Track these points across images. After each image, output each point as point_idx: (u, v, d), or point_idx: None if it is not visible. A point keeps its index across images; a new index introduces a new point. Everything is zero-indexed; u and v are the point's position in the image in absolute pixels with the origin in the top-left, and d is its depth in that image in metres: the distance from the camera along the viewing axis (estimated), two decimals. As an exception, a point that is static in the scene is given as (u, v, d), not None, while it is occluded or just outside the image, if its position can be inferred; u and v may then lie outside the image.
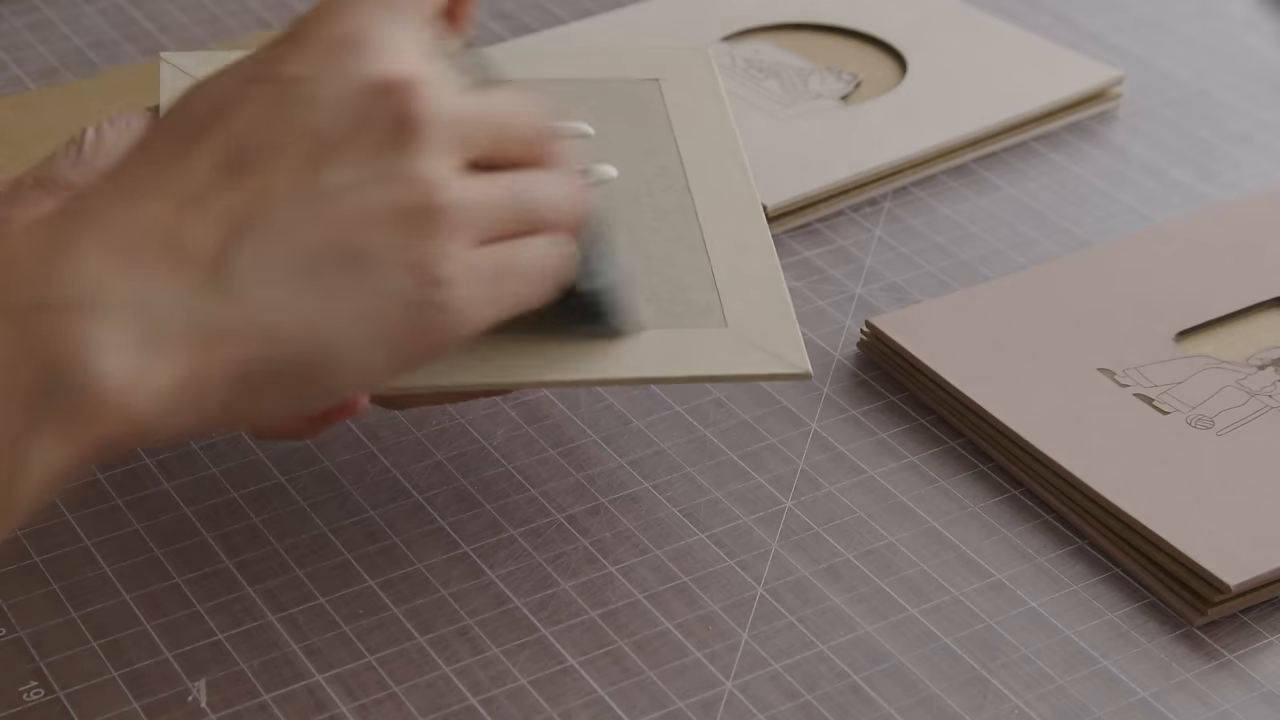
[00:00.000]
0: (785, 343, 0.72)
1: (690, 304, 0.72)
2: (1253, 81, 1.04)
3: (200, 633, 0.70)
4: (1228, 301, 0.84)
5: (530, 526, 0.75)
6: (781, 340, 0.72)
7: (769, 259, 0.75)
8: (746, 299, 0.73)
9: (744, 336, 0.72)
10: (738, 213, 0.77)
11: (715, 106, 0.81)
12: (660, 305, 0.72)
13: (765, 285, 0.74)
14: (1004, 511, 0.76)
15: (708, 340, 0.71)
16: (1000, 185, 0.95)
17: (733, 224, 0.76)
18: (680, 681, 0.69)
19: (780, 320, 0.73)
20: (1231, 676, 0.70)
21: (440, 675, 0.69)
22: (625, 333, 0.70)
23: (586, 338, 0.70)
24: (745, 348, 0.71)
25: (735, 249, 0.75)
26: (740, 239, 0.75)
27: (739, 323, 0.72)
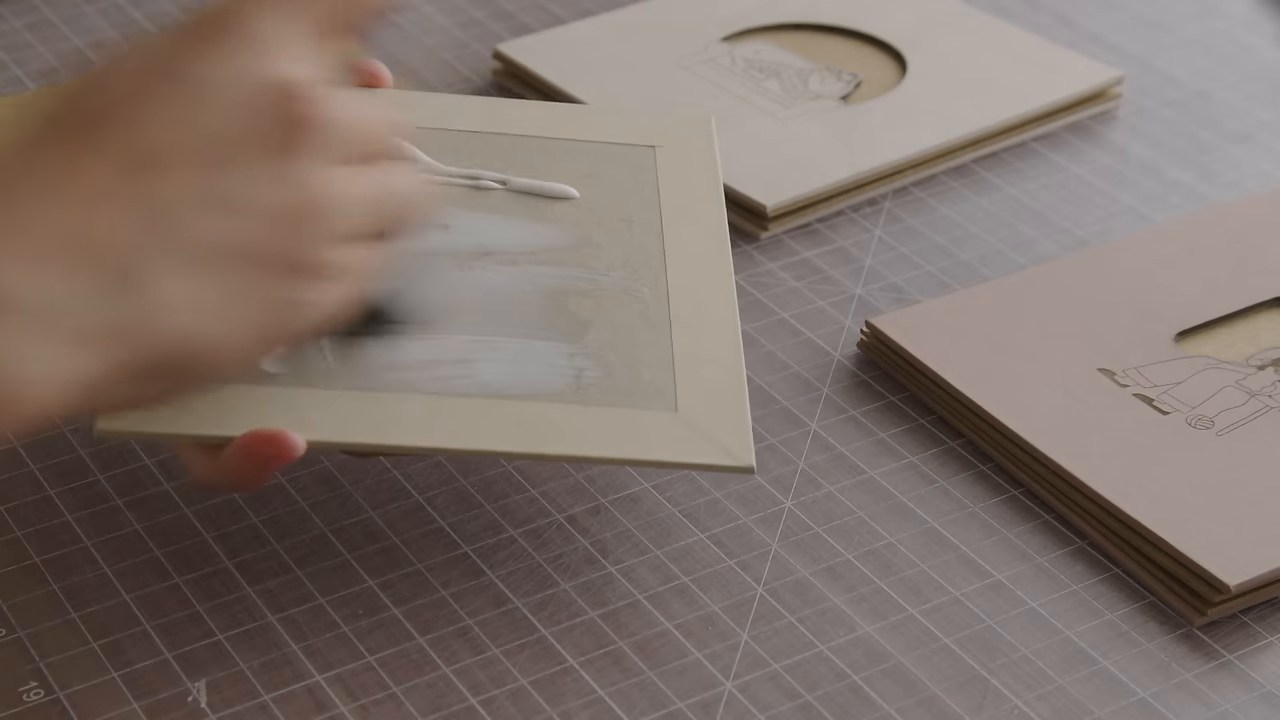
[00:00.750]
0: (733, 433, 0.70)
1: (643, 384, 0.71)
2: (1253, 81, 1.04)
3: (200, 633, 0.70)
4: (1228, 301, 0.84)
5: (530, 526, 0.75)
6: (730, 430, 0.70)
7: (733, 345, 0.73)
8: (702, 384, 0.72)
9: (691, 424, 0.70)
10: (710, 293, 0.75)
11: (708, 180, 0.79)
12: (613, 382, 0.71)
13: (724, 371, 0.72)
14: (1004, 511, 0.76)
15: (653, 424, 0.70)
16: (1000, 185, 0.95)
17: (703, 304, 0.74)
18: (680, 681, 0.69)
19: (732, 409, 0.71)
20: (1231, 676, 0.70)
21: (440, 675, 0.69)
22: (402, 329, 0.69)
23: (372, 335, 0.69)
24: (691, 436, 0.70)
25: (700, 331, 0.73)
26: (708, 321, 0.74)
27: (689, 409, 0.71)
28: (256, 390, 0.68)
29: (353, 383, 0.69)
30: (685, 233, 0.77)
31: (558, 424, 0.69)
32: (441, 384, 0.70)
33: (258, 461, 0.67)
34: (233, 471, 0.67)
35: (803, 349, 0.84)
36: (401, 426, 0.69)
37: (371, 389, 0.69)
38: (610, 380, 0.71)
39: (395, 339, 0.69)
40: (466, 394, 0.70)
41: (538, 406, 0.70)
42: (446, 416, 0.69)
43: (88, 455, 0.77)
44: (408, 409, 0.69)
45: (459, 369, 0.70)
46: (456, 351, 0.71)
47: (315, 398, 0.69)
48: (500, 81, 1.01)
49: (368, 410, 0.69)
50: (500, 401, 0.70)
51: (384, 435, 0.68)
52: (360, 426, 0.68)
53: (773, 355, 0.84)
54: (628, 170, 0.79)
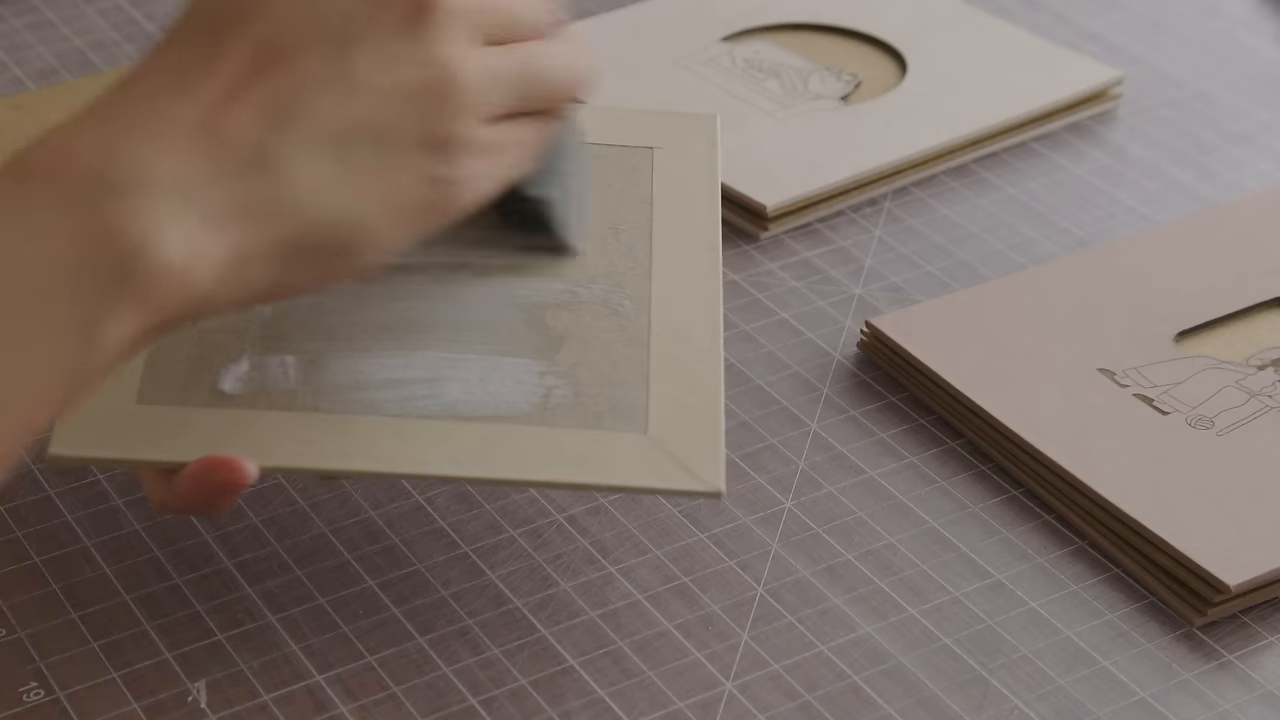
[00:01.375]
0: (703, 457, 0.68)
1: (614, 403, 0.69)
2: (1253, 81, 1.04)
3: (200, 633, 0.70)
4: (1228, 301, 0.84)
5: (530, 526, 0.75)
6: (701, 454, 0.68)
7: (713, 360, 0.71)
8: (676, 403, 0.70)
9: (660, 447, 0.68)
10: (696, 307, 0.73)
11: (706, 184, 0.77)
12: (582, 401, 0.69)
13: (701, 391, 0.70)
14: (1004, 511, 0.76)
15: (620, 447, 0.68)
16: (1000, 185, 0.95)
17: (686, 318, 0.72)
18: (680, 681, 0.69)
19: (705, 431, 0.69)
20: (1231, 676, 0.70)
21: (440, 675, 0.69)
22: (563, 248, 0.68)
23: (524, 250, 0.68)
24: (659, 459, 0.68)
25: (680, 344, 0.71)
26: (688, 332, 0.72)
27: (660, 429, 0.69)
28: (214, 413, 0.68)
29: (314, 404, 0.68)
30: (676, 241, 0.75)
31: (521, 447, 0.68)
32: (406, 405, 0.69)
33: (211, 487, 0.66)
34: (187, 497, 0.66)
35: (803, 349, 0.84)
36: (361, 452, 0.67)
37: (333, 411, 0.68)
38: (579, 400, 0.69)
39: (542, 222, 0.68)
40: (430, 416, 0.69)
41: (502, 429, 0.68)
42: (408, 440, 0.68)
43: (88, 455, 0.77)
44: (369, 432, 0.68)
45: (426, 388, 0.69)
46: (425, 370, 0.70)
47: (274, 421, 0.68)
48: (500, 81, 1.01)
49: (327, 434, 0.68)
50: (464, 424, 0.68)
51: (342, 461, 0.67)
52: (318, 452, 0.67)
53: (773, 355, 0.84)
54: (622, 174, 0.77)
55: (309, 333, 0.70)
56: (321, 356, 0.70)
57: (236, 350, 0.70)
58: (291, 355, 0.70)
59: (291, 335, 0.70)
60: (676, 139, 0.79)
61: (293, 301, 0.71)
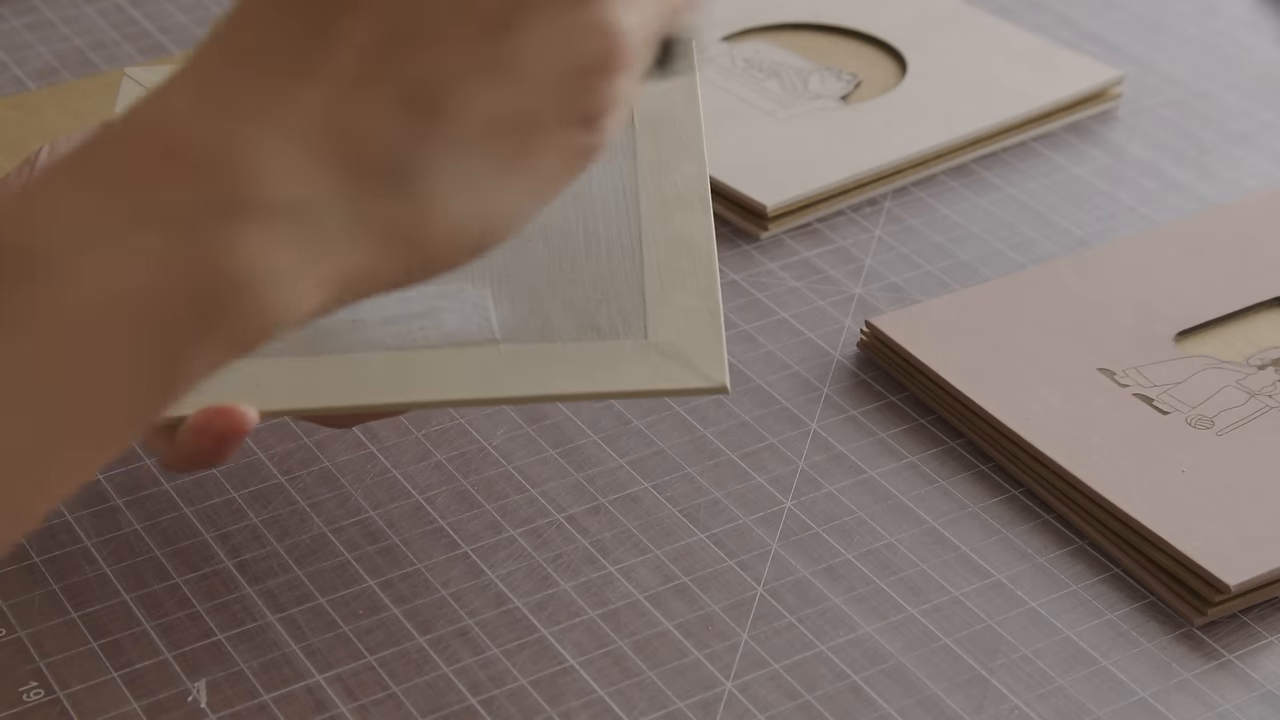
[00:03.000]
0: (706, 355, 0.68)
1: (613, 315, 0.70)
2: (1253, 81, 1.04)
3: (200, 633, 0.70)
4: (1228, 301, 0.84)
5: (530, 526, 0.75)
6: (703, 352, 0.68)
7: (708, 262, 0.71)
8: (674, 307, 0.70)
9: (662, 350, 0.69)
10: (685, 215, 0.73)
11: (686, 97, 0.77)
12: (580, 317, 0.69)
13: (699, 292, 0.70)
14: (1004, 511, 0.76)
15: (623, 354, 0.68)
16: (1000, 185, 0.95)
17: (678, 227, 0.73)
18: (680, 681, 0.69)
19: (706, 330, 0.69)
20: (1231, 676, 0.70)
21: (440, 675, 0.69)
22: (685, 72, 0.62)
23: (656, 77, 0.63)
24: (661, 362, 0.68)
25: (673, 252, 0.72)
26: (681, 240, 0.72)
27: (660, 335, 0.69)
28: None
29: (312, 347, 0.68)
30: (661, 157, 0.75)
31: (525, 366, 0.68)
32: (405, 338, 0.69)
33: (213, 437, 0.64)
34: (190, 450, 0.65)
35: (803, 349, 0.84)
36: (363, 387, 0.67)
37: (332, 351, 0.68)
38: (576, 315, 0.70)
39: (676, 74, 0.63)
40: (431, 345, 0.68)
41: (504, 350, 0.68)
42: (411, 371, 0.67)
43: (88, 455, 0.77)
44: (369, 368, 0.67)
45: (424, 320, 0.69)
46: (420, 303, 0.70)
47: (272, 365, 0.67)
48: (500, 81, 1.01)
49: (327, 373, 0.67)
50: (465, 350, 0.68)
51: (345, 397, 0.67)
52: (319, 391, 0.67)
53: (773, 355, 0.84)
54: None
55: None
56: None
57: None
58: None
59: None
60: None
61: None
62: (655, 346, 0.69)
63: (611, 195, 0.74)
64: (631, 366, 0.68)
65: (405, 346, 0.68)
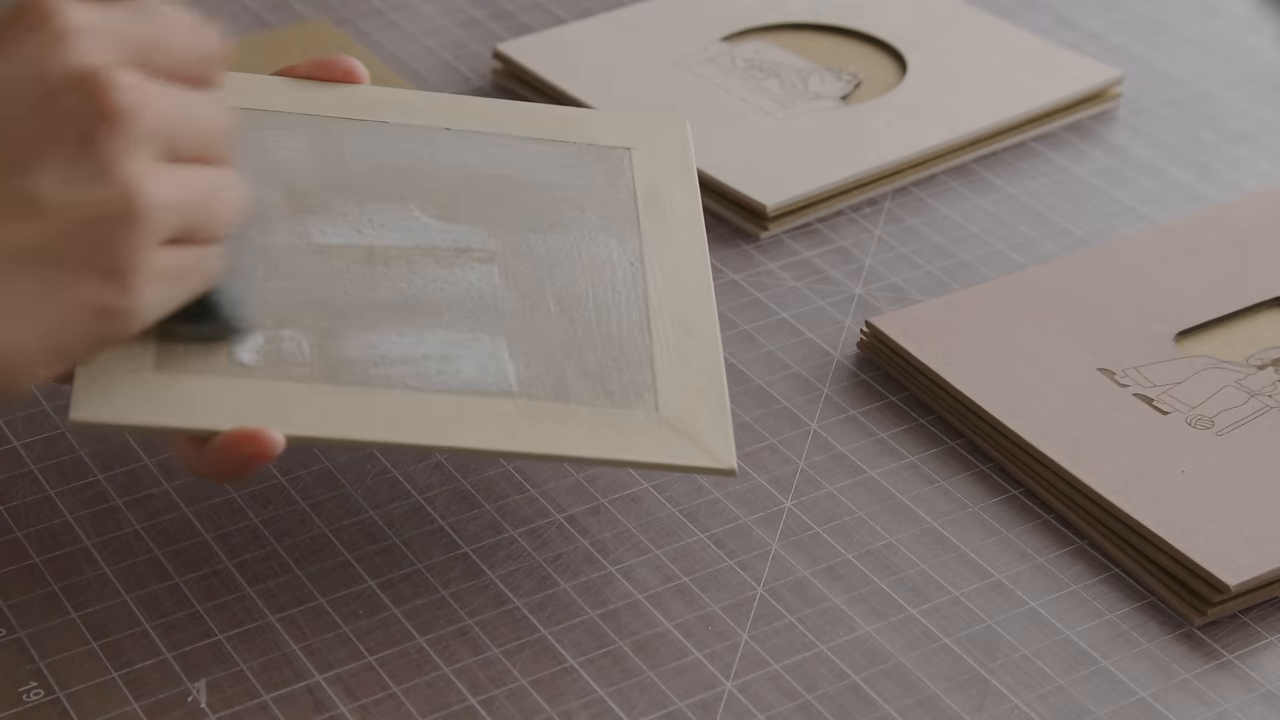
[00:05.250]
0: (715, 436, 0.71)
1: (624, 384, 0.71)
2: (1253, 81, 1.04)
3: (200, 633, 0.70)
4: (1228, 301, 0.84)
5: (530, 526, 0.75)
6: (712, 433, 0.71)
7: (712, 345, 0.73)
8: (683, 385, 0.72)
9: (673, 425, 0.70)
10: (688, 294, 0.75)
11: (684, 180, 0.79)
12: (593, 382, 0.71)
13: (705, 374, 0.72)
14: (1004, 511, 0.76)
15: (635, 424, 0.70)
16: (1000, 185, 0.95)
17: (681, 305, 0.74)
18: (680, 681, 0.69)
19: (713, 412, 0.71)
20: (1231, 676, 0.70)
21: (440, 675, 0.69)
22: (234, 332, 0.68)
23: (197, 338, 0.68)
24: (673, 437, 0.70)
25: (680, 331, 0.73)
26: (686, 321, 0.74)
27: (670, 409, 0.71)
28: (235, 383, 0.68)
29: (334, 377, 0.69)
30: (662, 236, 0.76)
31: (540, 422, 0.69)
32: (423, 380, 0.70)
33: (240, 460, 0.66)
34: (216, 465, 0.67)
35: (803, 349, 0.84)
36: (382, 423, 0.68)
37: (353, 384, 0.69)
38: (591, 380, 0.71)
39: (216, 339, 0.68)
40: (449, 390, 0.70)
41: (520, 404, 0.70)
42: (427, 413, 0.69)
43: (87, 455, 0.77)
44: (388, 405, 0.69)
45: (440, 364, 0.70)
46: (438, 347, 0.71)
47: (295, 392, 0.68)
48: (500, 82, 1.01)
49: (349, 406, 0.68)
50: (482, 399, 0.69)
51: (366, 431, 0.68)
52: (341, 422, 0.68)
53: (773, 355, 0.84)
54: (602, 173, 0.78)
55: (319, 311, 0.71)
56: (334, 333, 0.70)
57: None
58: (304, 332, 0.70)
59: (302, 313, 0.71)
60: (650, 139, 0.80)
61: (299, 281, 0.71)
62: (667, 421, 0.70)
63: (620, 266, 0.75)
64: (644, 438, 0.70)
65: (423, 388, 0.69)
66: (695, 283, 0.75)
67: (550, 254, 0.75)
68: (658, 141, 0.80)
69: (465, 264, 0.73)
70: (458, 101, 0.79)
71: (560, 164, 0.78)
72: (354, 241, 0.73)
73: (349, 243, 0.73)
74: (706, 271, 0.76)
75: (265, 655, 0.69)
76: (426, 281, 0.72)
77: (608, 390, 0.71)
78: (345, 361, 0.70)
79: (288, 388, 0.68)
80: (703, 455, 0.70)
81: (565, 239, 0.75)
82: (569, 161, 0.78)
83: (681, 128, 0.81)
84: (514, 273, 0.74)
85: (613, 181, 0.78)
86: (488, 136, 0.78)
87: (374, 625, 0.71)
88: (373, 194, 0.74)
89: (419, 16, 1.07)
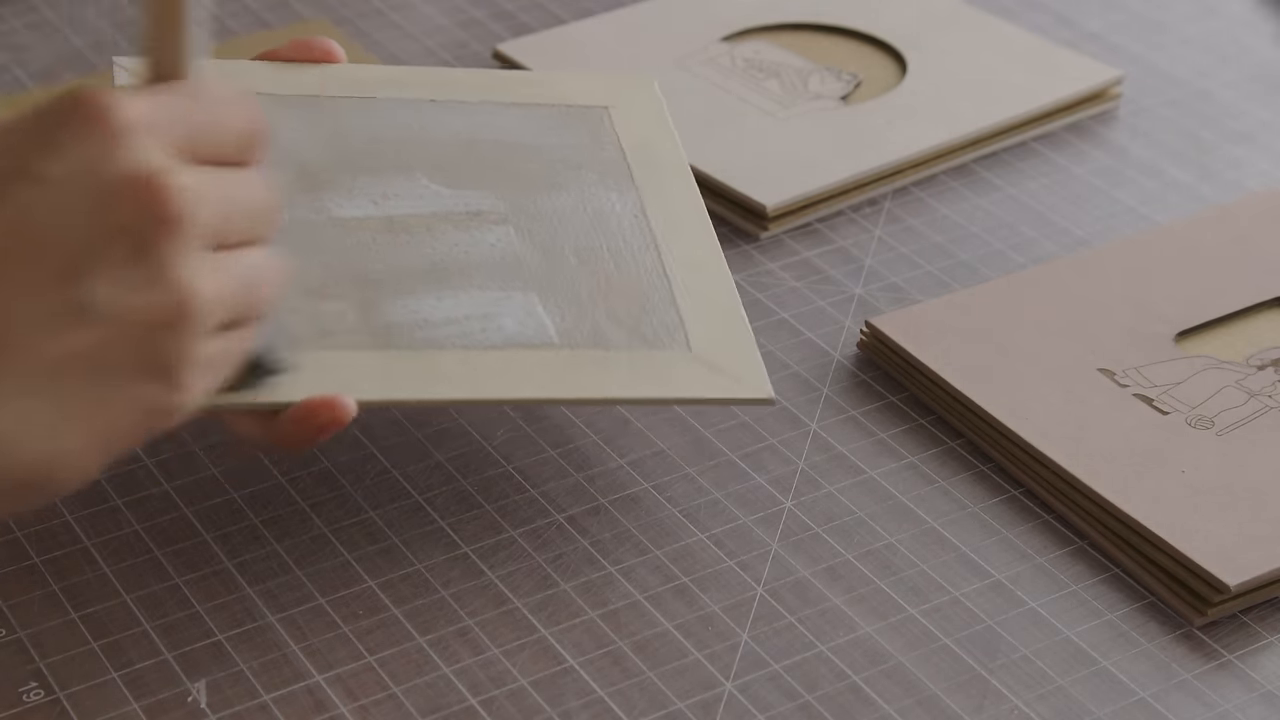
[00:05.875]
0: (748, 368, 0.73)
1: (655, 326, 0.74)
2: (1253, 81, 1.04)
3: (200, 633, 0.70)
4: (1228, 301, 0.84)
5: (530, 527, 0.75)
6: (745, 365, 0.73)
7: (726, 283, 0.76)
8: (707, 322, 0.74)
9: (707, 361, 0.73)
10: (692, 237, 0.78)
11: (664, 133, 0.82)
12: (627, 327, 0.73)
13: (723, 310, 0.75)
14: (1004, 511, 0.76)
15: (674, 363, 0.73)
16: (1000, 185, 0.95)
17: (688, 248, 0.77)
18: (680, 681, 0.69)
19: (742, 345, 0.74)
20: (1231, 676, 0.70)
21: (440, 675, 0.69)
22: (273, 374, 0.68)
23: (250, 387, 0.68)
24: (709, 372, 0.73)
25: (693, 272, 0.76)
26: (697, 262, 0.77)
27: (702, 346, 0.74)
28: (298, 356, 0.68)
29: (386, 343, 0.71)
30: (656, 183, 0.79)
31: (585, 369, 0.72)
32: (469, 339, 0.72)
33: (315, 427, 0.67)
34: (287, 436, 0.67)
35: (803, 349, 0.84)
36: (443, 381, 0.70)
37: (405, 348, 0.71)
38: (623, 327, 0.73)
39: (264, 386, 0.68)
40: (495, 346, 0.71)
41: (564, 354, 0.72)
42: (481, 369, 0.71)
43: (88, 455, 0.77)
44: (444, 364, 0.71)
45: (483, 323, 0.72)
46: (476, 307, 0.73)
47: (357, 360, 0.70)
48: (500, 81, 1.01)
49: (408, 368, 0.70)
50: (528, 351, 0.72)
51: (429, 390, 0.70)
52: (405, 384, 0.70)
53: (773, 355, 0.84)
54: (586, 130, 0.81)
55: (354, 282, 0.72)
56: (373, 302, 0.72)
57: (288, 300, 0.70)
58: (344, 302, 0.71)
59: (338, 284, 0.72)
60: (624, 97, 0.83)
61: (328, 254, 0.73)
62: (701, 358, 0.73)
63: (625, 218, 0.77)
64: (684, 375, 0.72)
65: (470, 346, 0.71)
66: (696, 225, 0.78)
67: (556, 211, 0.77)
68: (632, 99, 0.83)
69: (481, 226, 0.76)
70: (438, 73, 0.82)
71: (545, 126, 0.80)
72: (372, 213, 0.74)
73: (368, 214, 0.74)
74: (704, 214, 0.79)
75: (265, 655, 0.69)
76: (449, 246, 0.74)
77: (641, 334, 0.73)
78: (391, 327, 0.71)
79: (348, 356, 0.70)
80: (741, 387, 0.73)
81: (567, 196, 0.78)
82: (553, 123, 0.80)
83: (650, 85, 0.84)
84: (528, 231, 0.76)
85: (598, 139, 0.80)
86: (472, 105, 0.80)
87: (374, 625, 0.71)
88: (379, 166, 0.76)
89: (419, 16, 1.07)
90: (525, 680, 0.69)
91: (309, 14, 1.07)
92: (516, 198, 0.77)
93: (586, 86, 0.83)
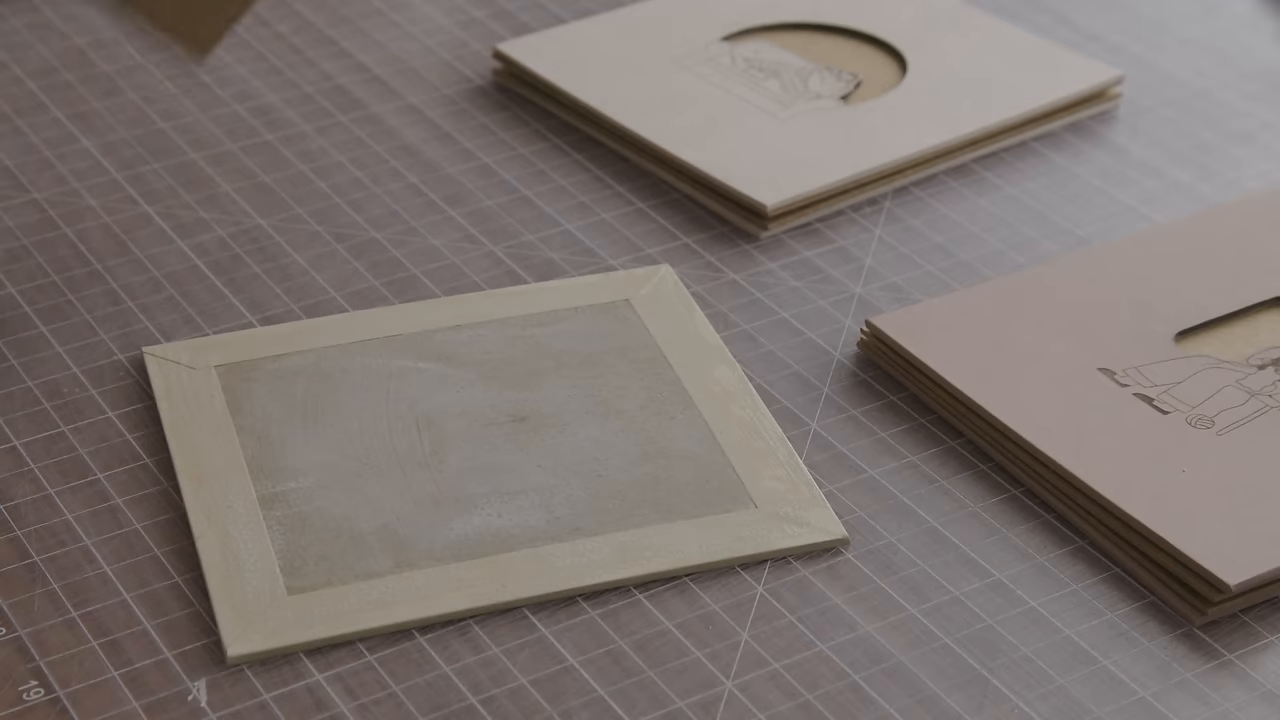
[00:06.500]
0: (817, 514, 0.74)
1: (719, 491, 0.75)
2: (1253, 81, 1.04)
3: (200, 632, 0.70)
4: (1228, 301, 0.84)
5: (530, 526, 0.75)
6: (813, 512, 0.75)
7: (778, 437, 0.78)
8: (768, 479, 0.76)
9: (777, 515, 0.74)
10: (739, 407, 0.79)
11: (686, 311, 0.84)
12: (691, 497, 0.75)
13: (783, 463, 0.76)
14: (1004, 511, 0.76)
15: (744, 523, 0.74)
16: (1000, 185, 0.95)
17: (737, 415, 0.79)
18: (680, 681, 0.69)
19: (804, 492, 0.75)
20: (1231, 676, 0.70)
21: (440, 675, 0.69)
22: None
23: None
24: (781, 524, 0.74)
25: (746, 436, 0.78)
26: (748, 426, 0.78)
27: (767, 503, 0.75)
28: (363, 585, 0.71)
29: (457, 554, 0.72)
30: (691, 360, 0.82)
31: (664, 541, 0.73)
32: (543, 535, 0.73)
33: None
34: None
35: (803, 349, 0.84)
36: (526, 580, 0.71)
37: (474, 556, 0.72)
38: (684, 496, 0.75)
39: None
40: (557, 540, 0.73)
41: (635, 533, 0.73)
42: (560, 560, 0.72)
43: (87, 455, 0.77)
44: (519, 562, 0.72)
45: (549, 514, 0.74)
46: (540, 502, 0.75)
47: (422, 578, 0.71)
48: (500, 81, 1.01)
49: (481, 575, 0.72)
50: (597, 537, 0.73)
51: (511, 593, 0.71)
52: (485, 591, 0.71)
53: (773, 355, 0.84)
54: (614, 324, 0.83)
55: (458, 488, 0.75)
56: (448, 517, 0.74)
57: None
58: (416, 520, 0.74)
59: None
60: (640, 288, 0.85)
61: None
62: (770, 514, 0.74)
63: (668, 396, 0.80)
64: (759, 532, 0.74)
65: (537, 541, 0.73)
66: (740, 395, 0.80)
67: (604, 399, 0.79)
68: (647, 287, 0.85)
69: (537, 429, 0.78)
70: (456, 303, 0.84)
71: (573, 328, 0.83)
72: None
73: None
74: (743, 379, 0.81)
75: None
76: (507, 450, 0.77)
77: (706, 500, 0.75)
78: (462, 540, 0.73)
79: (412, 576, 0.71)
80: (815, 534, 0.74)
81: (610, 384, 0.80)
82: (579, 325, 0.83)
83: (660, 272, 0.86)
84: (579, 424, 0.78)
85: (625, 329, 0.83)
86: (497, 323, 0.83)
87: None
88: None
89: (419, 16, 1.07)
90: (525, 680, 0.69)
91: (309, 14, 1.07)
92: (559, 394, 0.79)
93: (601, 284, 0.85)
